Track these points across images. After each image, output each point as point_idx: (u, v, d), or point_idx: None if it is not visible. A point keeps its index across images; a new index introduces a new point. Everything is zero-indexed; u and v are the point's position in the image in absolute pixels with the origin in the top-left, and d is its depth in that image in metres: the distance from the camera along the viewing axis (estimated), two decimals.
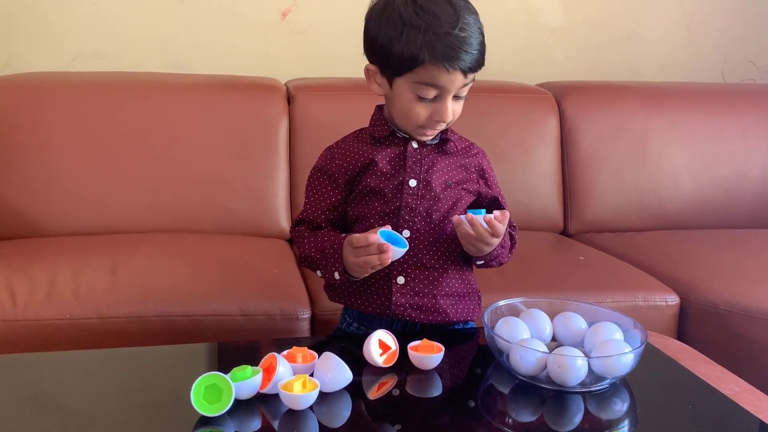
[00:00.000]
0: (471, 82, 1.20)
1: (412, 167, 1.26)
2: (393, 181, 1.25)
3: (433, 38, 1.13)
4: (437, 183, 1.26)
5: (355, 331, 1.32)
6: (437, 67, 1.15)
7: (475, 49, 1.16)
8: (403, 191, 1.25)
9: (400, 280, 1.25)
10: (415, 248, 1.24)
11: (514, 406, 1.07)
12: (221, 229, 1.98)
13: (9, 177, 1.93)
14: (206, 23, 2.38)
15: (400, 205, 1.25)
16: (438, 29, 1.14)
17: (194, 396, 0.92)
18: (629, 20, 2.67)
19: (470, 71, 1.17)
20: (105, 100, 2.04)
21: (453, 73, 1.15)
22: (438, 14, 1.14)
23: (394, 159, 1.27)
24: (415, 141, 1.27)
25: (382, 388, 1.07)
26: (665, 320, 1.74)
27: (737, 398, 1.08)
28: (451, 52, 1.14)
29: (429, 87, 1.17)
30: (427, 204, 1.25)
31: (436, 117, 1.20)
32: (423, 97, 1.18)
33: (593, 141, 2.29)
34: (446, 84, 1.17)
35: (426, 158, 1.27)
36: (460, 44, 1.14)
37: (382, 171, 1.25)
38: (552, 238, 2.21)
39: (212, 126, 2.07)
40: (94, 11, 2.31)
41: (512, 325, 1.14)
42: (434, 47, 1.14)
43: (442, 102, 1.19)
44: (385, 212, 1.25)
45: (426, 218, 1.25)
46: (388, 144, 1.28)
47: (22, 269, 1.60)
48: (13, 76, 2.11)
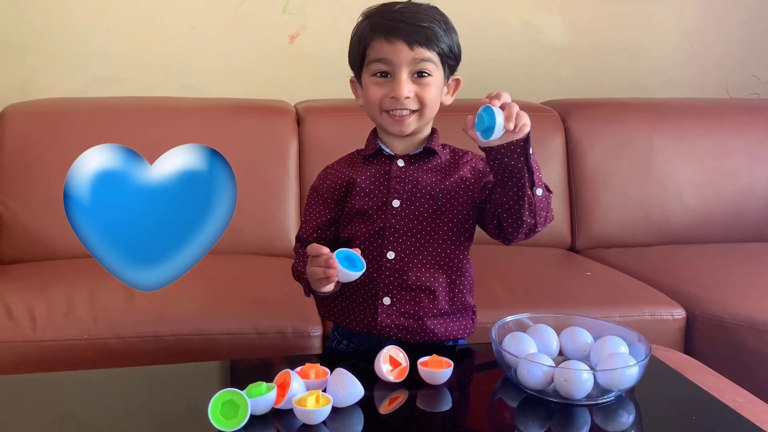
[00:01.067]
0: (430, 62, 1.20)
1: (395, 187, 1.25)
2: (377, 201, 1.25)
3: (375, 18, 1.22)
4: (422, 202, 1.24)
5: (345, 348, 1.33)
6: (379, 40, 1.20)
7: (419, 23, 1.19)
8: (387, 211, 1.25)
9: (386, 301, 1.25)
10: (401, 269, 1.25)
11: (523, 420, 1.09)
12: (233, 249, 2.01)
13: (26, 200, 1.98)
14: (216, 48, 2.42)
15: (384, 225, 1.24)
16: (380, 11, 1.22)
17: (212, 412, 0.95)
18: (632, 37, 2.70)
19: (417, 44, 1.18)
20: (119, 124, 2.08)
21: (394, 43, 1.18)
22: (382, 6, 1.23)
23: (379, 178, 1.26)
24: (401, 159, 1.27)
25: (393, 403, 1.09)
26: (672, 334, 1.76)
27: (741, 409, 1.09)
28: (389, 23, 1.19)
29: (377, 62, 1.21)
30: (412, 224, 1.24)
31: (391, 93, 1.20)
32: (377, 73, 1.22)
33: (599, 157, 2.32)
34: (391, 56, 1.19)
35: (411, 176, 1.26)
36: (399, 16, 1.19)
37: (365, 191, 1.26)
38: (559, 254, 2.23)
39: (223, 148, 2.06)
40: (107, 38, 2.36)
41: (520, 340, 1.16)
42: (375, 24, 1.21)
43: (395, 77, 1.20)
44: (370, 233, 1.25)
45: (411, 238, 1.24)
46: (375, 162, 1.28)
47: (40, 291, 1.64)
48: (28, 102, 2.16)
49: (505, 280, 1.85)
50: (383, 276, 1.25)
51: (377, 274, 1.25)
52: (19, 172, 1.99)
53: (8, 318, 1.54)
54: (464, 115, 1.11)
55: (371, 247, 1.25)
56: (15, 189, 1.98)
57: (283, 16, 2.44)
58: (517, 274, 1.95)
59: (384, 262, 1.25)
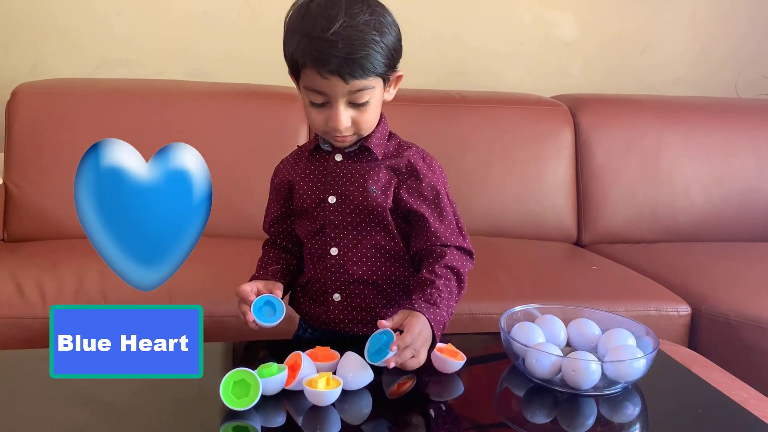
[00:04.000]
0: (368, 89, 1.13)
1: (331, 183, 1.22)
2: (315, 198, 1.23)
3: (306, 42, 1.10)
4: (357, 195, 1.21)
5: (310, 336, 1.33)
6: (312, 71, 1.10)
7: (353, 53, 1.08)
8: (324, 208, 1.22)
9: (336, 297, 1.24)
10: (346, 264, 1.23)
11: (529, 408, 1.09)
12: (241, 234, 2.02)
13: (36, 180, 1.99)
14: (227, 33, 2.43)
15: (324, 223, 1.23)
16: (312, 33, 1.09)
17: (223, 391, 0.96)
18: (643, 35, 2.71)
19: (351, 77, 1.10)
20: (127, 107, 2.10)
21: (330, 78, 1.09)
22: (317, 18, 1.09)
23: (318, 175, 1.24)
24: (339, 153, 1.23)
25: (401, 388, 1.10)
26: (677, 330, 1.76)
27: (747, 405, 1.10)
28: (320, 55, 1.08)
29: (314, 92, 1.13)
30: (351, 218, 1.22)
31: (330, 123, 1.15)
32: (314, 102, 1.14)
33: (607, 153, 2.33)
34: (326, 89, 1.11)
35: (346, 171, 1.22)
36: (331, 48, 1.07)
37: (303, 189, 1.24)
38: (566, 248, 2.24)
39: (233, 133, 2.11)
40: (117, 20, 2.37)
41: (528, 330, 1.17)
42: (307, 51, 1.10)
43: (333, 108, 1.13)
44: (313, 231, 1.24)
45: (351, 233, 1.22)
46: (317, 157, 1.26)
47: (50, 269, 1.65)
48: (38, 83, 2.17)
49: (512, 271, 1.86)
50: (329, 273, 1.24)
51: (324, 272, 1.24)
52: (29, 151, 2.01)
53: (19, 295, 1.56)
54: (462, 106, 1.10)
55: (316, 244, 1.25)
56: (26, 168, 2.00)
57: None
58: (524, 266, 1.95)
59: (329, 259, 1.24)
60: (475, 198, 2.20)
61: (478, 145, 2.25)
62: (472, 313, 1.67)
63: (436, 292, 1.15)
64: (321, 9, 1.10)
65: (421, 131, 2.17)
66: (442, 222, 1.21)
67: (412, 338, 1.07)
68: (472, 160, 2.23)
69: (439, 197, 1.22)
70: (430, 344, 1.11)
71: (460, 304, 1.64)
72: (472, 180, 2.21)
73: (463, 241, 1.23)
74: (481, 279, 1.79)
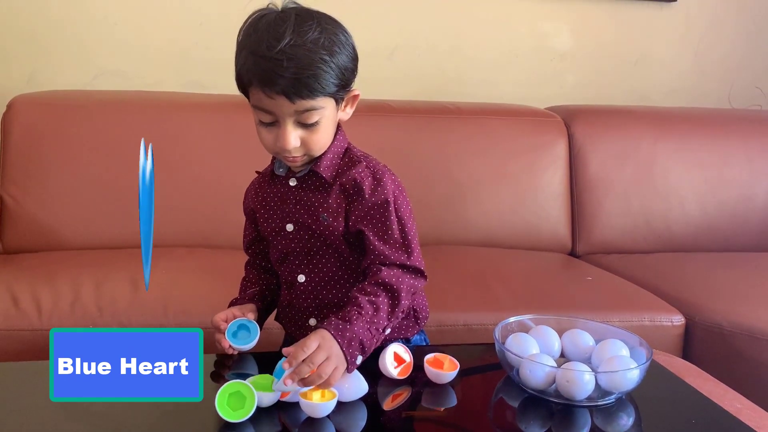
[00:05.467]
0: (315, 109, 1.11)
1: (287, 211, 1.21)
2: (274, 227, 1.23)
3: (251, 60, 1.08)
4: (311, 223, 1.19)
5: None
6: (258, 90, 1.09)
7: (299, 73, 1.06)
8: (284, 236, 1.22)
9: (312, 322, 1.23)
10: (315, 289, 1.22)
11: (524, 419, 1.10)
12: (237, 245, 2.00)
13: (32, 191, 1.99)
14: (224, 44, 2.40)
15: (287, 251, 1.22)
16: (258, 51, 1.07)
17: (219, 402, 0.97)
18: (637, 46, 2.72)
19: (298, 98, 1.07)
20: (125, 118, 2.10)
21: (275, 97, 1.07)
22: (263, 36, 1.07)
23: (277, 202, 1.23)
24: (294, 178, 1.21)
25: (396, 400, 1.10)
26: (671, 340, 1.77)
27: (740, 415, 1.11)
28: (265, 75, 1.06)
29: (261, 111, 1.11)
30: (309, 245, 1.20)
31: (278, 143, 1.12)
32: (262, 121, 1.12)
33: (601, 164, 2.34)
34: (273, 109, 1.09)
35: (299, 198, 1.21)
36: (276, 68, 1.05)
37: (264, 217, 1.24)
38: (560, 258, 2.25)
39: (230, 144, 2.12)
40: (115, 31, 2.37)
41: (522, 340, 1.18)
42: (252, 69, 1.08)
43: (280, 128, 1.11)
44: (279, 258, 1.23)
45: (314, 258, 1.21)
46: (276, 182, 1.24)
47: (46, 281, 1.65)
48: (36, 94, 2.17)
49: (506, 282, 1.87)
50: (301, 300, 1.24)
51: (296, 298, 1.24)
52: (25, 162, 2.01)
53: (15, 306, 1.55)
54: (457, 117, 1.10)
55: (285, 271, 1.24)
56: (21, 179, 2.00)
57: None
58: (518, 276, 1.96)
59: (298, 286, 1.23)
60: (470, 208, 2.21)
61: (473, 156, 2.26)
62: (467, 323, 1.67)
63: (355, 309, 1.10)
64: (269, 26, 1.09)
65: (415, 142, 2.19)
66: (383, 240, 1.17)
67: (304, 352, 1.01)
68: (467, 170, 2.23)
69: (385, 214, 1.17)
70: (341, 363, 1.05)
71: (455, 314, 1.67)
72: (466, 190, 2.21)
73: (407, 259, 1.17)
74: (475, 289, 1.81)
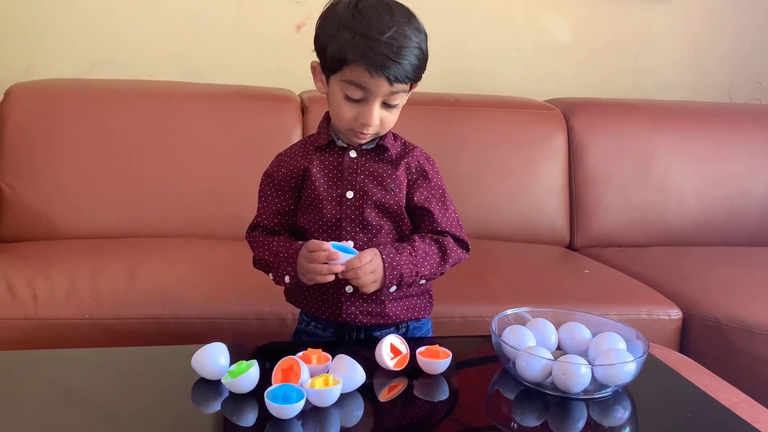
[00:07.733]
0: (403, 92, 1.20)
1: (348, 179, 1.25)
2: (331, 192, 1.25)
3: (361, 41, 1.14)
4: (376, 192, 1.25)
5: (313, 330, 1.34)
6: (362, 68, 1.15)
7: (404, 59, 1.15)
8: (342, 203, 1.25)
9: (349, 289, 1.25)
10: None
11: (520, 411, 1.10)
12: (234, 236, 2.01)
13: (29, 180, 1.98)
14: (222, 35, 2.42)
15: (341, 217, 1.25)
16: (369, 33, 1.14)
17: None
18: (637, 39, 2.72)
19: (396, 80, 1.16)
20: (121, 107, 2.09)
21: (377, 77, 1.15)
22: (372, 20, 1.15)
23: (332, 169, 1.26)
24: (354, 150, 1.26)
25: (392, 391, 1.10)
26: (668, 334, 1.77)
27: (736, 409, 1.11)
28: (376, 56, 1.14)
29: (354, 87, 1.17)
30: (366, 214, 1.25)
31: (361, 119, 1.19)
32: (350, 97, 1.18)
33: (600, 157, 2.34)
34: (371, 87, 1.16)
35: (363, 167, 1.26)
36: (386, 51, 1.14)
37: (320, 181, 1.26)
38: (558, 251, 2.24)
39: (226, 135, 2.11)
40: (112, 20, 2.36)
41: (519, 333, 1.17)
42: (361, 49, 1.14)
43: (368, 105, 1.18)
44: (327, 224, 1.26)
45: (366, 227, 1.25)
46: (327, 152, 1.27)
47: (42, 270, 1.65)
48: (33, 82, 2.16)
49: (504, 274, 1.87)
50: None
51: None
52: (22, 151, 2.00)
53: (10, 295, 1.55)
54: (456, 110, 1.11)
55: (329, 237, 1.25)
56: (18, 168, 1.99)
57: (290, 5, 2.45)
58: (516, 269, 1.96)
59: None
60: (469, 201, 2.21)
61: (472, 149, 2.25)
62: (464, 315, 1.67)
63: (408, 245, 1.23)
64: (373, 12, 1.17)
65: (415, 134, 2.15)
66: (446, 217, 1.29)
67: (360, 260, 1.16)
68: (466, 163, 2.23)
69: (445, 195, 1.30)
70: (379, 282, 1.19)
71: (452, 306, 1.67)
72: (465, 183, 2.21)
73: (460, 232, 1.30)
74: (473, 282, 1.80)
